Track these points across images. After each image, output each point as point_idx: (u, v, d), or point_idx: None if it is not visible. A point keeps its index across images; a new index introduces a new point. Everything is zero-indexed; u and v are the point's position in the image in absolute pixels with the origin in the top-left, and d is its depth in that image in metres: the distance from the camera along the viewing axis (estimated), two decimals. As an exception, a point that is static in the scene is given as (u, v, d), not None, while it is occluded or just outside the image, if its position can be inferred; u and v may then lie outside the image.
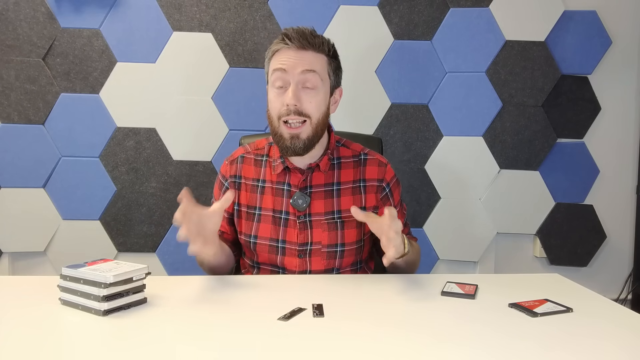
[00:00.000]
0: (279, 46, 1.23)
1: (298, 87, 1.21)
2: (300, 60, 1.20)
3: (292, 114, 1.20)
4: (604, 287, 2.30)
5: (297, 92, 1.20)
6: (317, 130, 1.24)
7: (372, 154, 1.36)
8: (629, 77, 2.27)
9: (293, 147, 1.22)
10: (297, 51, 1.21)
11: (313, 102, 1.22)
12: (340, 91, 1.33)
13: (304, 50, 1.21)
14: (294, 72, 1.20)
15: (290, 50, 1.21)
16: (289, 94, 1.20)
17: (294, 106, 1.20)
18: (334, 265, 1.30)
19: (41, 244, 2.17)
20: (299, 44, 1.20)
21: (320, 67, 1.23)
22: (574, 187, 2.28)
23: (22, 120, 2.12)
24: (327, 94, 1.26)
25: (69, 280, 0.97)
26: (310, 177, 1.30)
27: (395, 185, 1.36)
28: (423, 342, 0.84)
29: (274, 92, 1.24)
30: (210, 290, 1.12)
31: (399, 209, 1.35)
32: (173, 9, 2.14)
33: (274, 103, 1.24)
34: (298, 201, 1.26)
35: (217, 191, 1.37)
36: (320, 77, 1.22)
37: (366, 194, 1.32)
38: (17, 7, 2.09)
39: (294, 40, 1.20)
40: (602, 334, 0.89)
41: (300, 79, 1.21)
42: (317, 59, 1.23)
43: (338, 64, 1.30)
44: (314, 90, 1.22)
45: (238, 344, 0.83)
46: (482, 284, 1.15)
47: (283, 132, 1.23)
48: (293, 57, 1.21)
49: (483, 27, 2.20)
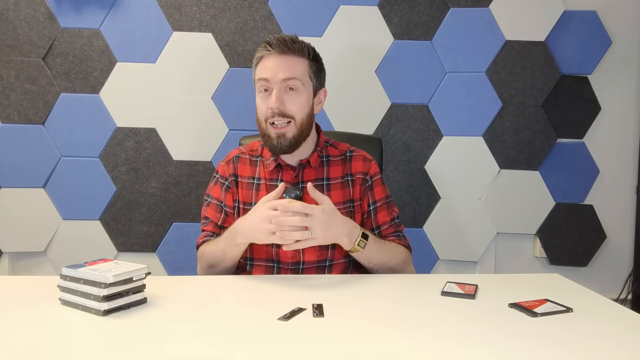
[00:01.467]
0: (262, 53, 1.33)
1: (281, 91, 1.30)
2: (281, 65, 1.30)
3: (276, 115, 1.30)
4: (604, 287, 2.30)
5: (280, 95, 1.30)
6: (302, 129, 1.33)
7: (358, 151, 1.45)
8: (629, 77, 2.27)
9: (280, 145, 1.31)
10: (279, 56, 1.30)
11: (296, 104, 1.31)
12: (324, 92, 1.41)
13: (285, 55, 1.30)
14: (275, 79, 1.29)
15: (272, 56, 1.31)
16: (272, 97, 1.30)
17: (278, 109, 1.29)
18: (327, 256, 1.33)
19: (41, 244, 2.17)
20: (280, 50, 1.30)
21: (300, 71, 1.32)
22: (574, 187, 2.28)
23: (22, 120, 2.12)
24: (309, 95, 1.35)
25: (69, 280, 0.97)
26: (301, 173, 1.37)
27: (378, 181, 1.42)
28: (423, 342, 0.84)
29: (260, 97, 1.34)
30: (211, 290, 1.12)
31: (381, 204, 1.40)
32: (173, 9, 2.14)
33: (260, 107, 1.34)
34: (291, 195, 1.30)
35: (218, 191, 1.41)
36: (301, 81, 1.31)
37: (353, 187, 1.40)
38: (17, 7, 2.09)
39: (275, 46, 1.30)
40: (602, 334, 0.89)
41: (282, 84, 1.30)
42: (298, 63, 1.32)
43: (320, 66, 1.38)
44: (296, 92, 1.31)
45: (238, 344, 0.83)
46: (482, 284, 1.15)
47: (270, 133, 1.32)
48: (275, 62, 1.30)
49: (483, 27, 2.20)
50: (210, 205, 1.40)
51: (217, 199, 1.40)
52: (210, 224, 1.38)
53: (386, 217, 1.39)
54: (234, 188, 1.39)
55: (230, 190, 1.39)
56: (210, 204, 1.41)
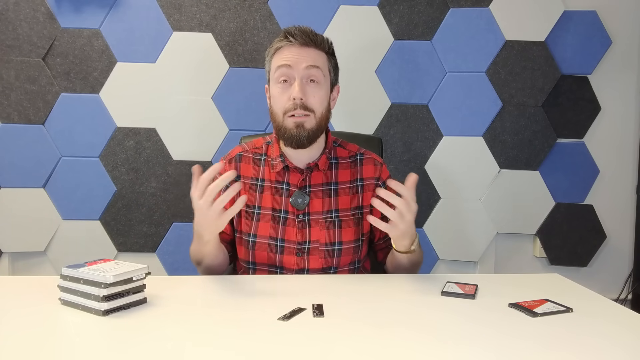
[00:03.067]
0: (281, 44, 1.26)
1: (303, 82, 1.24)
2: (304, 56, 1.24)
3: (298, 108, 1.23)
4: (604, 287, 2.30)
5: (303, 86, 1.24)
6: (321, 124, 1.27)
7: (368, 153, 1.40)
8: (629, 77, 2.27)
9: (298, 135, 1.24)
10: (300, 48, 1.25)
11: (317, 97, 1.26)
12: (337, 89, 1.36)
13: (307, 47, 1.25)
14: (298, 68, 1.23)
15: (293, 47, 1.25)
16: (295, 87, 1.23)
17: (300, 100, 1.22)
18: (332, 264, 1.31)
19: (41, 244, 2.17)
20: (302, 41, 1.24)
21: (322, 64, 1.27)
22: (574, 187, 2.28)
23: (22, 120, 2.12)
24: (328, 89, 1.30)
25: (69, 280, 0.97)
26: (309, 177, 1.32)
27: None
28: (423, 342, 0.84)
29: (278, 88, 1.26)
30: (210, 290, 1.12)
31: None
32: (173, 9, 2.14)
33: (278, 98, 1.26)
34: (297, 200, 1.28)
35: None
36: (322, 72, 1.26)
37: (363, 193, 1.34)
38: (17, 7, 2.09)
39: (297, 37, 1.24)
40: (602, 334, 0.89)
41: (305, 74, 1.24)
42: (319, 56, 1.27)
43: (336, 62, 1.34)
44: (318, 85, 1.26)
45: (238, 344, 0.83)
46: (482, 284, 1.15)
47: (288, 124, 1.25)
48: (296, 53, 1.24)
49: (483, 27, 2.20)
50: None
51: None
52: None
53: None
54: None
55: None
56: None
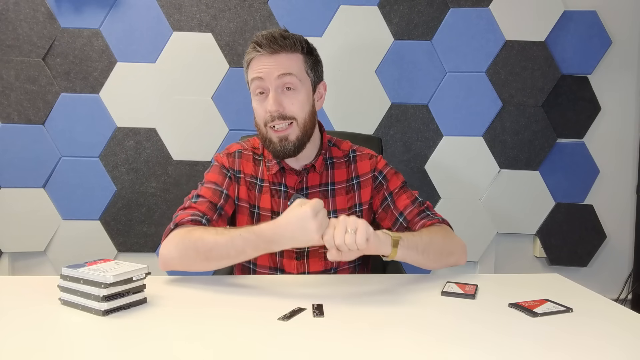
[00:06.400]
0: (251, 55, 1.22)
1: (277, 92, 1.21)
2: (274, 65, 1.20)
3: (276, 119, 1.21)
4: (604, 287, 2.31)
5: (277, 97, 1.20)
6: (306, 129, 1.24)
7: (361, 149, 1.37)
8: (629, 77, 2.27)
9: (283, 149, 1.22)
10: (270, 57, 1.20)
11: (295, 103, 1.22)
12: (324, 85, 1.32)
13: (277, 54, 1.20)
14: (270, 78, 1.20)
15: (263, 57, 1.20)
16: (270, 100, 1.20)
17: (277, 111, 1.20)
18: (332, 265, 1.31)
19: (41, 244, 2.17)
20: (270, 49, 1.20)
21: (296, 68, 1.22)
22: (574, 187, 2.28)
23: (22, 120, 2.12)
24: (309, 92, 1.26)
25: (69, 280, 0.97)
26: (306, 179, 1.30)
27: (390, 172, 1.34)
28: (423, 342, 0.84)
29: (255, 101, 1.25)
30: (210, 290, 1.12)
31: (398, 190, 1.31)
32: (173, 9, 2.14)
33: (258, 111, 1.25)
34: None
35: (219, 177, 1.29)
36: (297, 77, 1.21)
37: (360, 190, 1.33)
38: (17, 7, 2.09)
39: (265, 46, 1.20)
40: (602, 334, 0.89)
41: (278, 83, 1.20)
42: (292, 60, 1.22)
43: (315, 59, 1.28)
44: (295, 91, 1.22)
45: (238, 344, 0.82)
46: (482, 284, 1.14)
47: (271, 137, 1.23)
48: (267, 63, 1.20)
49: (483, 27, 2.20)
50: (207, 186, 1.27)
51: (216, 183, 1.28)
52: (205, 204, 1.23)
53: (406, 200, 1.29)
54: (235, 183, 1.30)
55: (232, 181, 1.29)
56: (206, 186, 1.27)
